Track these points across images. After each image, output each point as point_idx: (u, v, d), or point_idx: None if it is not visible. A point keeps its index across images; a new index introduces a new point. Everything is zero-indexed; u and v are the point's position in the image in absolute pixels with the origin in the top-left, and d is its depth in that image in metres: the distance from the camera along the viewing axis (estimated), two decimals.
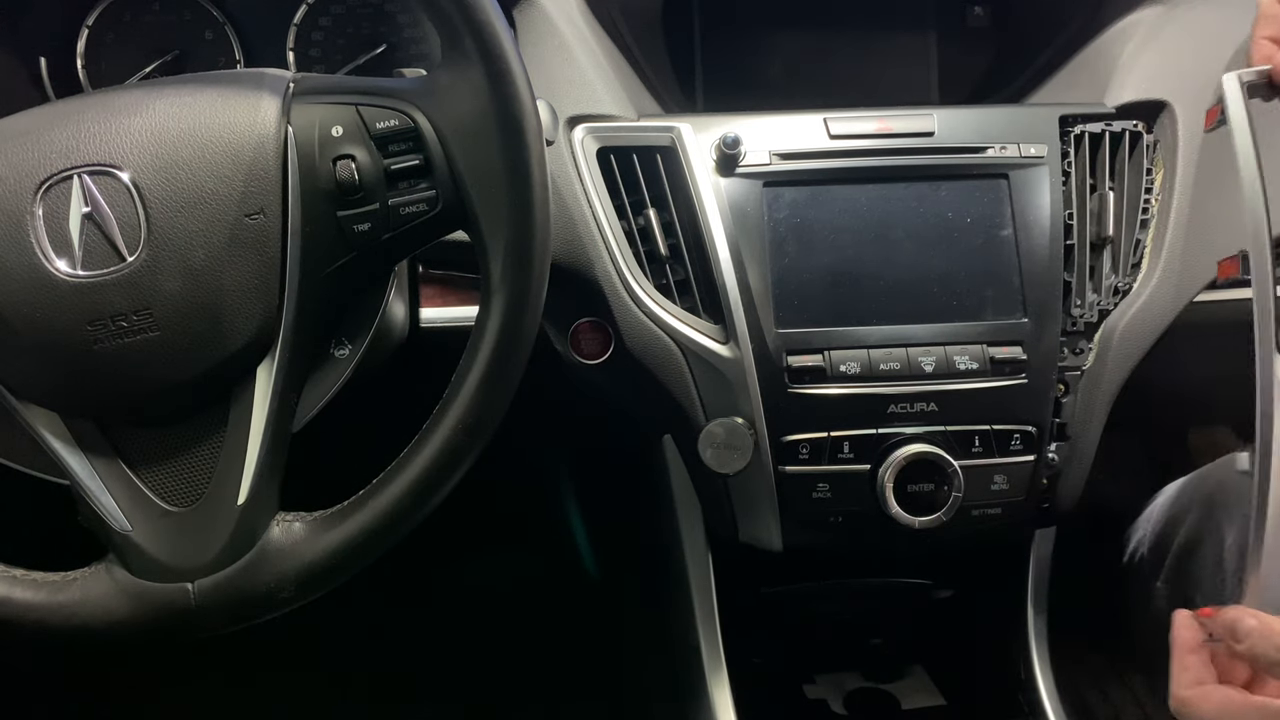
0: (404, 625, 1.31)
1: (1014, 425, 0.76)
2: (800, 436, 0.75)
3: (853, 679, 0.97)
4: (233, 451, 0.55)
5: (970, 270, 0.76)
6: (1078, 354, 0.78)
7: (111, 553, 0.56)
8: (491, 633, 1.29)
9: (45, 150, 0.53)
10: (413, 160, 0.55)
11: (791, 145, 0.77)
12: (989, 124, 0.78)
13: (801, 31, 0.96)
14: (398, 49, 0.88)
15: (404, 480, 0.55)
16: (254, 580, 0.55)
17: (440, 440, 0.54)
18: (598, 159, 0.76)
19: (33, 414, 0.55)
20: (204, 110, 0.55)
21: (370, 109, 0.55)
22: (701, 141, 0.76)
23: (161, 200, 0.53)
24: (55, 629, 0.55)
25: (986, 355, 0.75)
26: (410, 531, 0.56)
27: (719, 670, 0.81)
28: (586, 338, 0.77)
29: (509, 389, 0.55)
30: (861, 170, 0.77)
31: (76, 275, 0.52)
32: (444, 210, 0.56)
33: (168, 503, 0.56)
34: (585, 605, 1.30)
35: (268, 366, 0.55)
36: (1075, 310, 0.78)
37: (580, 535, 1.34)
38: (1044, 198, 0.77)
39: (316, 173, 0.55)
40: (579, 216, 0.75)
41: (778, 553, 0.78)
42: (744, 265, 0.75)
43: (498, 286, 0.54)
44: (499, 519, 1.26)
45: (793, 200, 0.76)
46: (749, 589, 0.88)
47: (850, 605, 0.96)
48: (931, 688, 0.96)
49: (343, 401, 0.60)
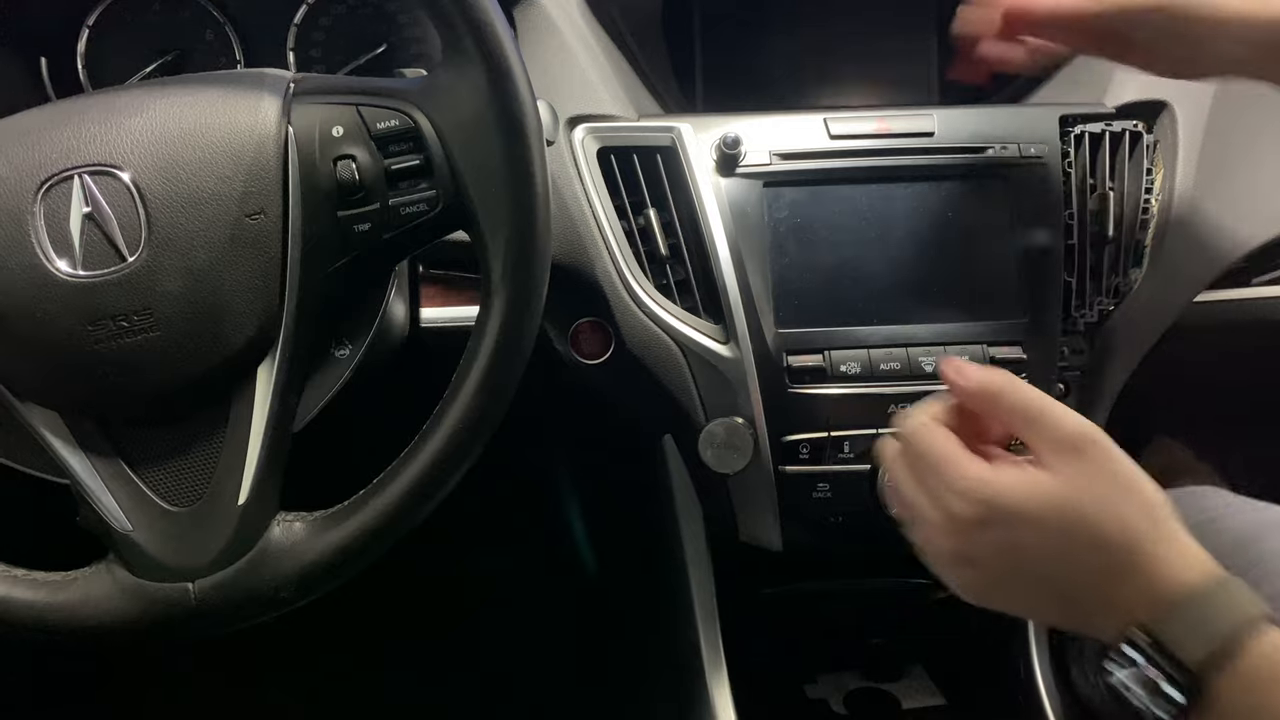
0: (403, 625, 1.30)
1: None
2: (800, 436, 0.75)
3: (853, 679, 0.97)
4: (233, 451, 0.55)
5: (970, 270, 0.76)
6: (1078, 354, 0.78)
7: (112, 552, 0.56)
8: (491, 633, 1.29)
9: (46, 150, 0.53)
10: (413, 160, 0.55)
11: (791, 145, 0.77)
12: (989, 124, 0.78)
13: (801, 31, 0.96)
14: (398, 49, 0.88)
15: (404, 480, 0.55)
16: (254, 580, 0.55)
17: (441, 440, 0.54)
18: (598, 159, 0.76)
19: (33, 413, 0.55)
20: (204, 110, 0.55)
21: (371, 109, 0.55)
22: (701, 141, 0.76)
23: (162, 200, 0.53)
24: (55, 629, 0.55)
25: (986, 355, 0.75)
26: (410, 531, 0.56)
27: (719, 670, 0.81)
28: (586, 338, 0.77)
29: (509, 389, 0.55)
30: (861, 170, 0.77)
31: (77, 275, 0.52)
32: (444, 210, 0.56)
33: (168, 502, 0.56)
34: (585, 605, 1.30)
35: (268, 366, 0.55)
36: (1075, 310, 0.78)
37: (580, 535, 1.34)
38: (1044, 198, 0.77)
39: (317, 173, 0.55)
40: (579, 216, 0.75)
41: (778, 552, 0.78)
42: (744, 265, 0.75)
43: (498, 286, 0.54)
44: (499, 518, 1.26)
45: (793, 200, 0.76)
46: (749, 589, 0.88)
47: (850, 605, 0.96)
48: (931, 688, 0.96)
49: (343, 401, 0.60)
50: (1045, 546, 0.50)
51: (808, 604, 0.94)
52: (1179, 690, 0.46)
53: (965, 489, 0.51)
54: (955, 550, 0.53)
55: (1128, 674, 0.48)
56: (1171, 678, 0.46)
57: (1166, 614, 0.47)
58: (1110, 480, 0.50)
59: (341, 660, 1.29)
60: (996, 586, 0.53)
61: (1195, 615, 0.46)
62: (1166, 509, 0.50)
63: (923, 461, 0.54)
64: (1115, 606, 0.48)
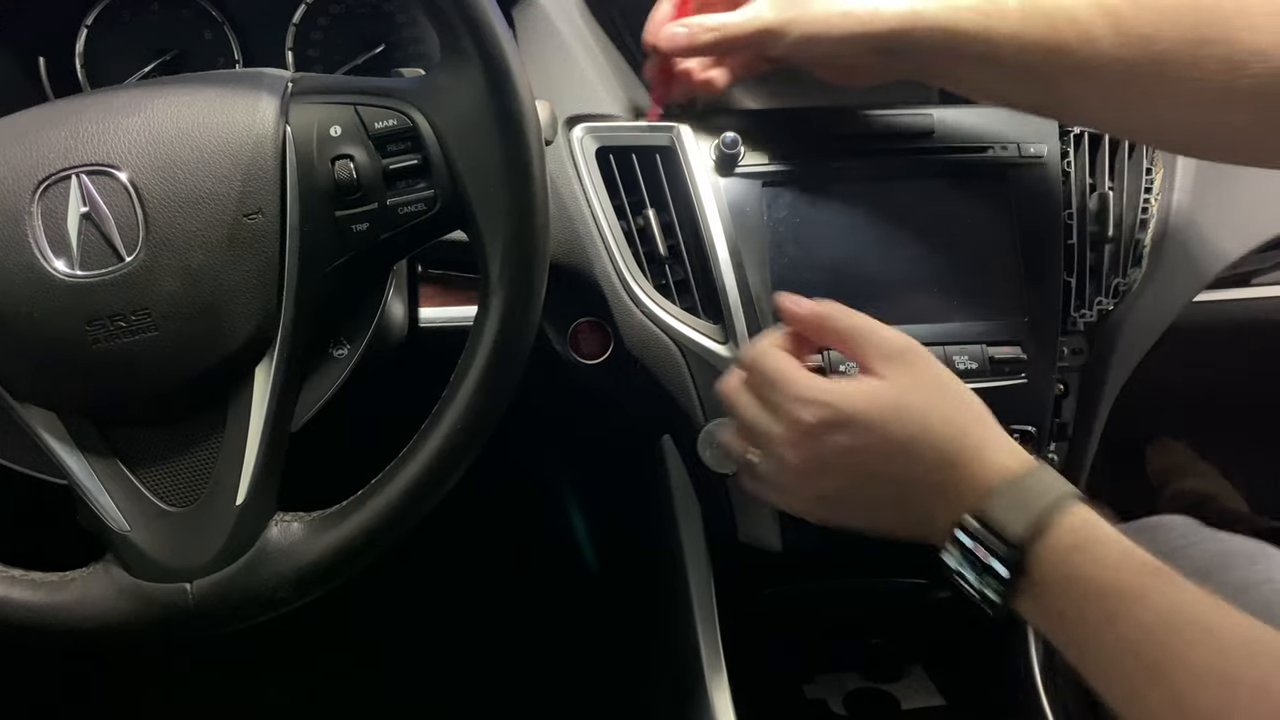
0: (403, 625, 1.30)
1: (1014, 425, 0.76)
2: None
3: (853, 679, 0.97)
4: (231, 452, 0.55)
5: (970, 270, 0.76)
6: (1077, 354, 0.78)
7: (110, 553, 0.56)
8: (491, 632, 1.29)
9: (43, 150, 0.53)
10: (411, 160, 0.55)
11: (791, 145, 0.77)
12: (989, 124, 0.78)
13: None
14: (397, 49, 0.88)
15: (403, 480, 0.55)
16: (252, 581, 0.55)
17: (439, 440, 0.54)
18: (597, 159, 0.76)
19: (31, 414, 0.55)
20: (202, 110, 0.55)
21: (369, 109, 0.55)
22: (701, 141, 0.76)
23: (160, 200, 0.53)
24: (53, 629, 0.55)
25: (986, 355, 0.75)
26: (409, 532, 0.56)
27: (719, 670, 0.81)
28: (586, 338, 0.77)
29: (508, 389, 0.55)
30: (861, 170, 0.77)
31: (75, 275, 0.52)
32: (443, 210, 0.56)
33: (166, 503, 0.56)
34: (585, 605, 1.30)
35: (266, 366, 0.55)
36: (1075, 310, 0.78)
37: (580, 535, 1.34)
38: (1044, 198, 0.77)
39: (315, 172, 0.55)
40: (578, 216, 0.75)
41: (777, 553, 0.78)
42: (743, 265, 0.75)
43: (497, 286, 0.54)
44: (498, 519, 1.26)
45: (792, 200, 0.76)
46: (749, 589, 0.88)
47: (850, 605, 0.96)
48: (931, 688, 0.96)
49: (341, 401, 0.60)
50: (887, 445, 0.55)
51: (808, 604, 0.94)
52: (1004, 564, 0.51)
53: (811, 397, 0.57)
54: (803, 461, 0.57)
55: (960, 559, 0.54)
56: (997, 553, 0.52)
57: (992, 496, 0.53)
58: (935, 382, 0.57)
59: (341, 660, 1.29)
60: (843, 498, 0.58)
61: (1016, 495, 0.52)
62: (985, 408, 0.57)
63: (767, 381, 0.59)
64: (948, 498, 0.54)
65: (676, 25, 0.72)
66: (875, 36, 0.67)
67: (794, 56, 0.70)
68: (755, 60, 0.76)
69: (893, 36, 0.66)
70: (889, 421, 0.55)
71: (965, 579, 0.54)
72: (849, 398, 0.56)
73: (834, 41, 0.68)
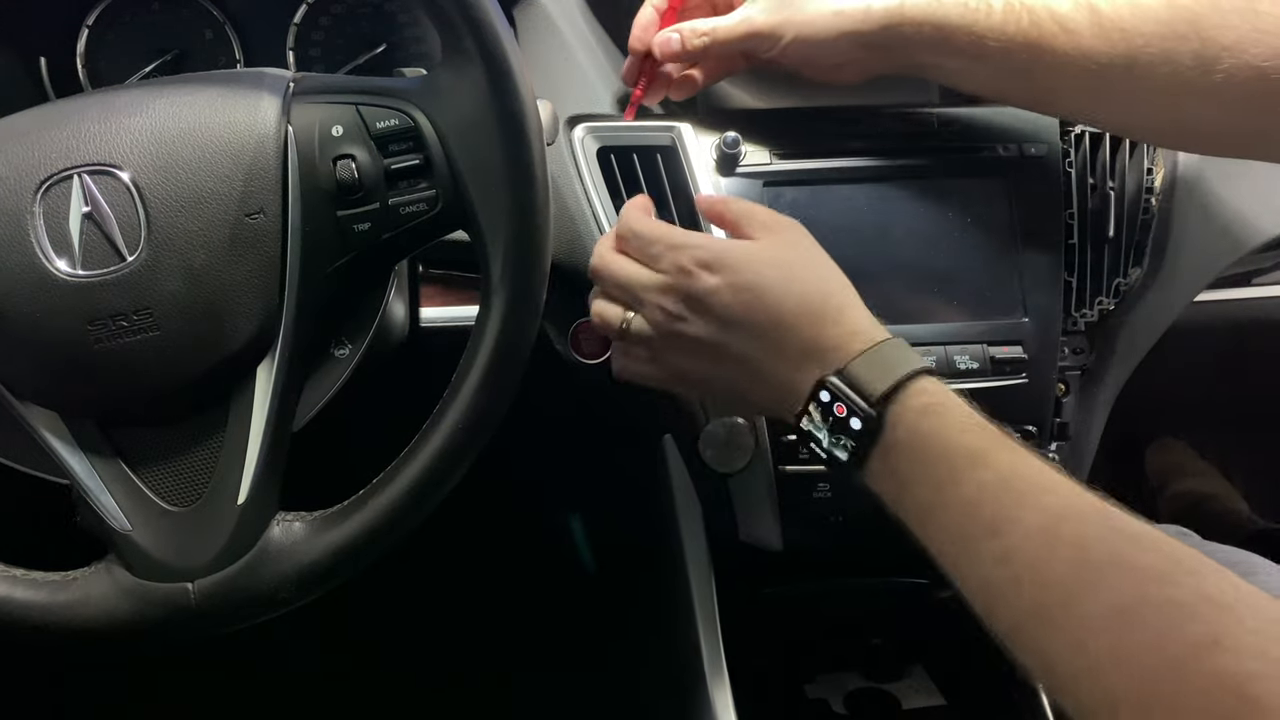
0: (403, 625, 1.31)
1: (1014, 425, 0.76)
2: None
3: (853, 679, 0.97)
4: (233, 451, 0.55)
5: (970, 270, 0.76)
6: (1078, 354, 0.78)
7: (111, 553, 0.56)
8: (491, 633, 1.29)
9: (45, 150, 0.53)
10: (413, 160, 0.55)
11: (791, 145, 0.77)
12: (989, 124, 0.78)
13: None
14: (398, 49, 0.88)
15: (404, 480, 0.55)
16: (254, 580, 0.55)
17: (440, 440, 0.54)
18: (598, 158, 0.76)
19: (33, 414, 0.55)
20: (204, 110, 0.55)
21: (370, 108, 0.55)
22: (701, 141, 0.76)
23: (161, 200, 0.53)
24: (55, 629, 0.55)
25: (987, 355, 0.75)
26: (411, 531, 0.56)
27: (719, 670, 0.81)
28: (586, 337, 0.77)
29: (509, 389, 0.55)
30: (861, 170, 0.77)
31: (76, 275, 0.52)
32: (444, 210, 0.56)
33: (168, 502, 0.56)
34: (585, 605, 1.30)
35: (268, 366, 0.55)
36: (1076, 310, 0.78)
37: (580, 535, 1.34)
38: (1045, 197, 0.77)
39: (316, 172, 0.55)
40: (579, 216, 0.75)
41: (778, 552, 0.78)
42: None
43: (498, 286, 0.54)
44: (498, 518, 1.26)
45: (793, 200, 0.76)
46: (749, 589, 0.88)
47: (850, 605, 0.96)
48: (931, 688, 0.96)
49: (343, 401, 0.60)
50: (758, 290, 0.58)
51: (808, 604, 0.94)
52: (861, 420, 0.54)
53: (691, 242, 0.61)
54: (679, 307, 0.60)
55: (818, 421, 0.56)
56: (857, 411, 0.54)
57: (857, 358, 0.56)
58: (810, 248, 0.62)
59: (341, 660, 1.29)
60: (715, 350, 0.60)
61: (878, 358, 0.56)
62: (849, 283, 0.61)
63: (647, 238, 0.62)
64: (811, 356, 0.57)
65: (669, 31, 0.72)
66: (867, 34, 0.68)
67: (785, 58, 0.71)
68: (736, 60, 0.76)
69: (883, 33, 0.67)
70: (762, 268, 0.59)
71: (818, 440, 0.57)
72: (726, 244, 0.61)
73: (827, 41, 0.68)
